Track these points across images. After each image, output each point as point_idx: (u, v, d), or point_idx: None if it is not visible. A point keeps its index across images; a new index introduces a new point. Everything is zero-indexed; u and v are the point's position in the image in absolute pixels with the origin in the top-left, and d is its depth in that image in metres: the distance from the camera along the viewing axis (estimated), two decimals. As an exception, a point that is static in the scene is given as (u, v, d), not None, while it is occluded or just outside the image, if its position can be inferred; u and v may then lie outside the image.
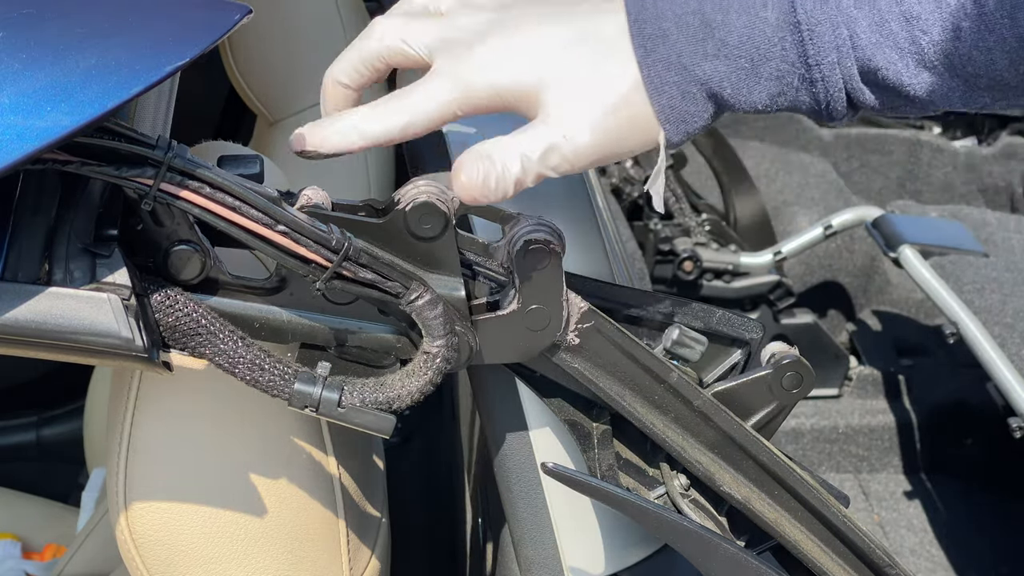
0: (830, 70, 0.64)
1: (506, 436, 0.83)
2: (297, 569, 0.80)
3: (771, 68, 0.65)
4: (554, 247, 0.67)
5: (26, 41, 0.57)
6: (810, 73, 0.65)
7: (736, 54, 0.65)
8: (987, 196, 2.92)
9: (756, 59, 0.65)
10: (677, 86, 0.65)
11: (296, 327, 0.69)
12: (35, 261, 0.61)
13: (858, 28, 0.64)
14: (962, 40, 0.63)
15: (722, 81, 0.65)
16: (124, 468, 0.76)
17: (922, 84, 0.64)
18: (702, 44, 0.65)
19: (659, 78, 0.65)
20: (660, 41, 0.65)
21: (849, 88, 0.65)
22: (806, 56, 0.64)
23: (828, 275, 2.62)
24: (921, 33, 0.63)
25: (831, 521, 0.76)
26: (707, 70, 0.65)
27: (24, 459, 2.08)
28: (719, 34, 0.65)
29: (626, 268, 0.95)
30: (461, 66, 0.66)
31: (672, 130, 0.66)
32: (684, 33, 0.65)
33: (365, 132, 0.67)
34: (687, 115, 0.66)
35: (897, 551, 2.18)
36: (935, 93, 0.65)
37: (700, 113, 0.66)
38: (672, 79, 0.65)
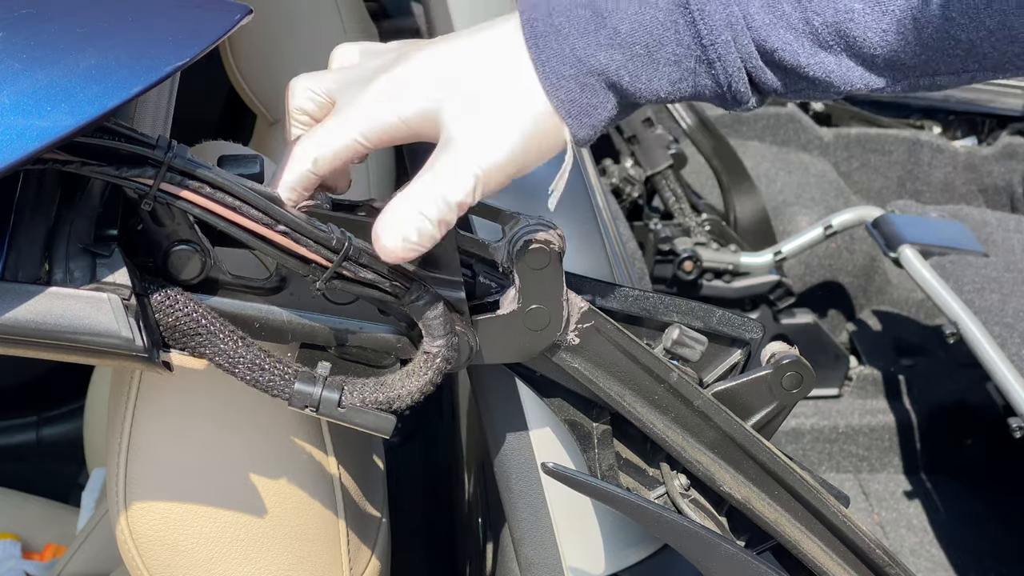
0: (725, 49, 0.64)
1: (506, 436, 0.83)
2: (297, 569, 0.80)
3: (667, 53, 0.65)
4: (554, 247, 0.67)
5: (26, 41, 0.57)
6: (706, 54, 0.64)
7: (630, 41, 0.64)
8: (987, 196, 2.92)
9: (651, 45, 0.65)
10: (574, 79, 0.65)
11: (296, 327, 0.69)
12: (35, 261, 0.61)
13: (751, 8, 0.64)
14: (855, 21, 0.63)
15: (619, 70, 0.65)
16: (124, 468, 0.76)
17: (820, 65, 0.64)
18: (595, 35, 0.65)
19: (554, 73, 0.65)
20: (552, 37, 0.65)
21: (750, 68, 0.65)
22: (699, 36, 0.64)
23: (828, 275, 2.62)
24: (813, 14, 0.63)
25: (831, 521, 0.76)
26: (602, 60, 0.65)
27: (24, 459, 2.08)
28: (611, 23, 0.64)
29: (626, 268, 0.95)
30: (364, 97, 0.66)
31: (576, 124, 0.66)
32: (576, 26, 0.65)
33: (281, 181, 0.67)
34: (588, 107, 0.66)
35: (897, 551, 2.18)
36: (834, 74, 0.65)
37: (602, 104, 0.66)
38: (568, 72, 0.65)
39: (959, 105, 2.97)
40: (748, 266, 2.43)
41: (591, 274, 0.77)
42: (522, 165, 0.66)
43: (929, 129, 3.01)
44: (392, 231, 0.64)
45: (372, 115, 0.66)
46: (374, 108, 0.66)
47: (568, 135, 0.66)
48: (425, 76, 0.66)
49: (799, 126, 2.91)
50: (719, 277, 2.42)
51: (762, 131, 2.90)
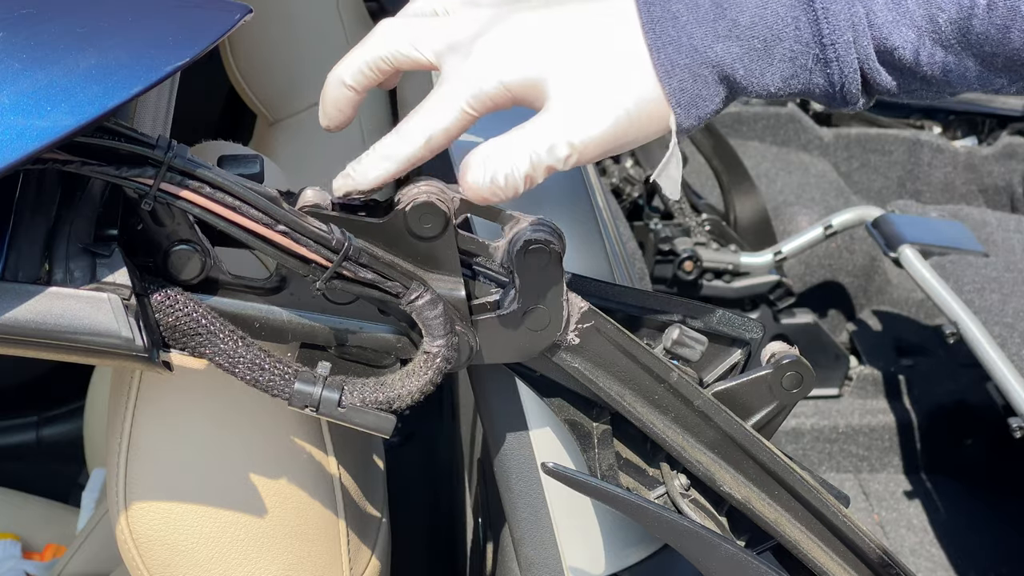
0: (845, 50, 0.63)
1: (506, 436, 0.83)
2: (297, 569, 0.80)
3: (784, 49, 0.64)
4: (554, 247, 0.67)
5: (26, 41, 0.57)
6: (824, 53, 0.63)
7: (749, 35, 0.63)
8: (987, 196, 2.92)
9: (769, 39, 0.63)
10: (688, 69, 0.64)
11: (296, 327, 0.69)
12: (35, 261, 0.61)
13: (874, 6, 0.62)
14: (977, 16, 0.62)
15: (734, 63, 0.64)
16: (124, 468, 0.76)
17: (938, 64, 0.63)
18: (713, 25, 0.64)
19: (669, 61, 0.64)
20: (670, 23, 0.64)
21: (865, 68, 0.64)
22: (821, 35, 0.63)
23: (828, 275, 2.62)
24: (938, 10, 0.62)
25: (831, 521, 0.76)
26: (719, 52, 0.64)
27: (24, 459, 2.08)
28: (731, 14, 0.63)
29: (626, 268, 0.95)
30: (467, 66, 0.66)
31: (683, 114, 0.65)
32: (694, 14, 0.64)
33: (397, 157, 0.67)
34: (699, 98, 0.65)
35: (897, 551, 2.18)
36: (952, 73, 0.64)
37: (712, 96, 0.65)
38: (683, 62, 0.64)
39: (959, 105, 2.97)
40: (748, 266, 2.43)
41: (591, 274, 0.77)
42: (620, 144, 0.66)
43: (929, 129, 3.01)
44: (483, 169, 0.64)
45: (481, 88, 0.65)
46: (483, 80, 0.65)
47: (673, 123, 0.65)
48: (530, 43, 0.65)
49: (799, 126, 2.91)
50: (719, 277, 2.42)
51: (762, 131, 2.90)
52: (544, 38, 0.65)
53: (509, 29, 0.66)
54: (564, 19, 0.66)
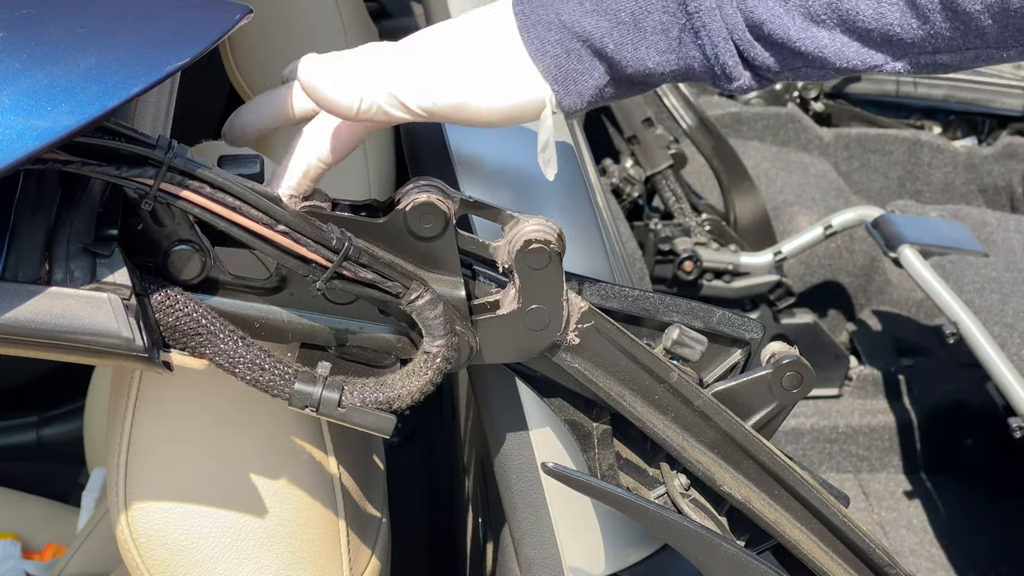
0: (709, 16, 0.63)
1: (506, 436, 0.83)
2: (297, 569, 0.80)
3: (653, 21, 0.64)
4: (554, 247, 0.67)
5: (26, 41, 0.57)
6: (691, 21, 0.64)
7: (616, 8, 0.64)
8: (987, 196, 2.92)
9: (636, 12, 0.64)
10: (560, 44, 0.65)
11: (296, 327, 0.69)
12: (35, 261, 0.61)
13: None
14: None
15: (603, 37, 0.65)
16: (124, 468, 0.76)
17: (812, 39, 0.63)
18: (580, 2, 0.65)
19: (539, 39, 0.65)
20: (539, 3, 0.65)
21: (737, 41, 0.64)
22: (685, 3, 0.63)
23: (828, 275, 2.62)
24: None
25: (831, 521, 0.76)
26: (587, 26, 0.65)
27: (24, 459, 2.08)
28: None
29: (626, 268, 0.95)
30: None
31: (561, 90, 0.66)
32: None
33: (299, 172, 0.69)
34: (575, 73, 0.65)
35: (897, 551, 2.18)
36: (828, 49, 0.63)
37: (588, 71, 0.66)
38: (553, 38, 0.65)
39: (959, 105, 2.97)
40: (748, 266, 2.43)
41: (591, 274, 0.77)
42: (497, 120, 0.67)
43: (929, 129, 3.01)
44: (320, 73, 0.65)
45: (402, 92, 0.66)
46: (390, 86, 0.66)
47: (551, 99, 0.66)
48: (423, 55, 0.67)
49: (799, 126, 2.91)
50: (719, 277, 2.42)
51: (762, 131, 2.90)
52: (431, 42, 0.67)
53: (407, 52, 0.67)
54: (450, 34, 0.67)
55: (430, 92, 0.65)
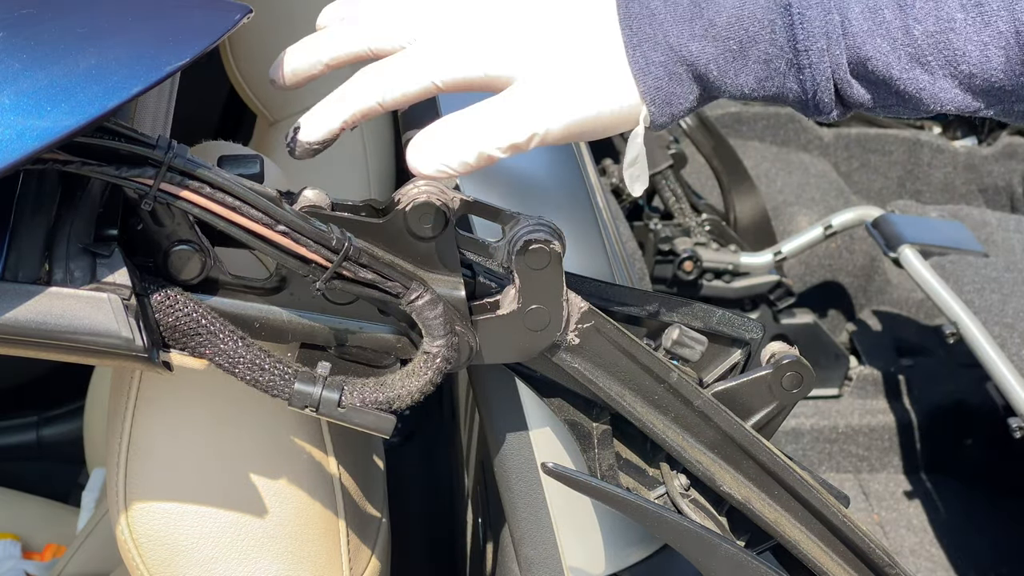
0: (818, 57, 0.63)
1: (506, 436, 0.83)
2: (297, 569, 0.80)
3: (759, 51, 0.64)
4: (554, 247, 0.67)
5: (26, 41, 0.57)
6: (798, 59, 0.63)
7: (725, 35, 0.64)
8: (987, 196, 2.92)
9: (744, 41, 0.64)
10: (663, 67, 0.64)
11: (296, 327, 0.69)
12: (35, 261, 0.61)
13: (850, 14, 0.62)
14: (956, 32, 0.61)
15: (709, 63, 0.64)
16: (124, 468, 0.76)
17: (913, 80, 0.63)
18: (690, 24, 0.64)
19: (644, 58, 0.64)
20: (647, 20, 0.64)
21: (837, 79, 0.64)
22: (795, 40, 0.63)
23: (828, 275, 2.62)
24: (915, 22, 0.62)
25: (831, 521, 0.76)
26: (694, 51, 0.64)
27: (24, 459, 2.08)
28: (708, 14, 0.64)
29: (626, 268, 0.95)
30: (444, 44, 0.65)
31: (657, 112, 0.65)
32: (672, 12, 0.64)
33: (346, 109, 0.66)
34: (672, 96, 0.65)
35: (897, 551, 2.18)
36: (926, 91, 0.63)
37: (686, 95, 0.65)
38: (658, 59, 0.64)
39: (959, 105, 2.97)
40: (748, 266, 2.43)
41: (591, 274, 0.77)
42: (587, 132, 0.66)
43: (929, 129, 3.01)
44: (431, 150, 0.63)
45: (456, 64, 0.65)
46: (459, 57, 0.65)
47: (643, 119, 0.65)
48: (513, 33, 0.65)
49: (799, 126, 2.91)
50: (719, 277, 2.42)
51: (762, 131, 2.90)
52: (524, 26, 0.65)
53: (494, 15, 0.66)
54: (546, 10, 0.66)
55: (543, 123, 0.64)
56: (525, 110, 0.64)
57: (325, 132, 0.66)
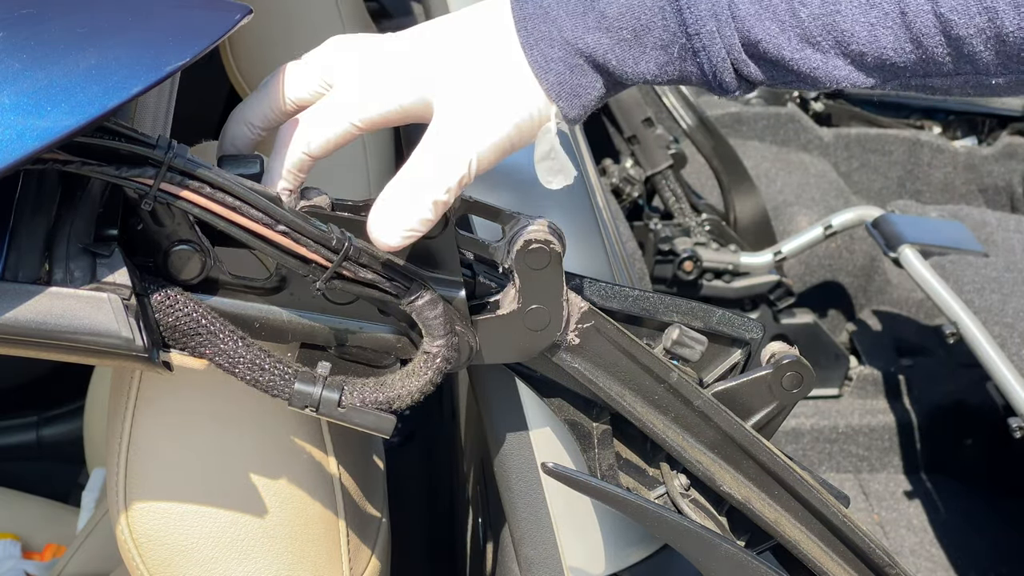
0: (710, 39, 0.64)
1: (506, 436, 0.83)
2: (297, 569, 0.80)
3: (654, 38, 0.65)
4: (554, 247, 0.67)
5: (26, 41, 0.57)
6: (691, 42, 0.65)
7: (617, 25, 0.65)
8: (987, 196, 2.92)
9: (638, 30, 0.65)
10: (563, 61, 0.66)
11: (296, 327, 0.69)
12: (35, 261, 0.61)
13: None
14: (843, 14, 0.63)
15: (606, 53, 0.66)
16: (124, 468, 0.76)
17: (805, 60, 0.64)
18: (583, 18, 0.65)
19: (543, 56, 0.65)
20: (541, 19, 0.66)
21: (734, 60, 0.65)
22: (685, 25, 0.64)
23: (828, 275, 2.62)
24: (800, 5, 0.63)
25: (831, 521, 0.76)
26: (590, 43, 0.65)
27: (24, 459, 2.08)
28: (599, 6, 0.65)
29: (626, 268, 0.95)
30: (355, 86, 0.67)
31: (566, 106, 0.66)
32: (564, 8, 0.66)
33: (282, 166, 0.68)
34: (578, 88, 0.66)
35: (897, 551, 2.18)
36: (820, 70, 0.65)
37: (591, 85, 0.67)
38: (556, 55, 0.65)
39: (959, 105, 2.97)
40: (748, 266, 2.43)
41: (591, 274, 0.77)
42: (515, 144, 0.67)
43: (929, 129, 3.01)
44: (390, 224, 0.64)
45: (368, 103, 0.66)
46: (369, 95, 0.66)
47: (555, 114, 0.67)
48: (418, 60, 0.66)
49: (799, 126, 2.91)
50: (719, 277, 2.42)
51: (762, 131, 2.90)
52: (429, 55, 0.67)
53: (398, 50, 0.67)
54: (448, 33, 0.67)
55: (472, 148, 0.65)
56: (451, 146, 0.65)
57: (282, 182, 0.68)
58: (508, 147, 0.67)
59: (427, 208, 0.64)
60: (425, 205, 0.64)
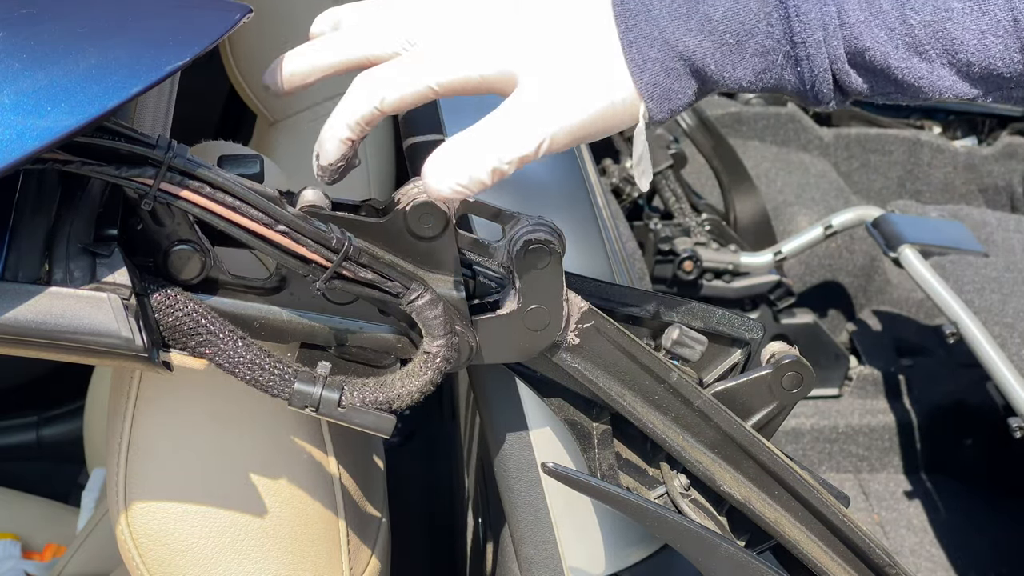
0: (815, 48, 0.63)
1: (506, 436, 0.83)
2: (297, 569, 0.80)
3: (756, 44, 0.64)
4: (554, 247, 0.67)
5: (26, 41, 0.57)
6: (795, 51, 0.64)
7: (721, 29, 0.64)
8: (987, 196, 2.92)
9: (741, 34, 0.64)
10: (660, 62, 0.64)
11: (296, 327, 0.69)
12: (35, 261, 0.61)
13: (847, 5, 0.63)
14: (954, 21, 0.61)
15: (706, 57, 0.64)
16: (124, 468, 0.76)
17: (911, 68, 0.63)
18: (686, 19, 0.64)
19: (641, 55, 0.64)
20: (643, 16, 0.64)
21: (835, 69, 0.64)
22: (791, 32, 0.63)
23: (828, 275, 2.62)
24: (912, 12, 0.62)
25: (831, 521, 0.76)
26: (690, 45, 0.64)
27: (24, 459, 2.08)
28: (704, 8, 0.64)
29: (626, 268, 0.95)
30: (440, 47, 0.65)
31: (655, 107, 0.65)
32: (668, 8, 0.64)
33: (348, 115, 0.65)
34: (671, 92, 0.65)
35: (897, 551, 2.18)
36: (924, 80, 0.63)
37: (684, 89, 0.65)
38: (654, 55, 0.64)
39: (959, 105, 2.97)
40: (748, 266, 2.43)
41: (591, 274, 0.77)
42: (591, 133, 0.65)
43: (929, 129, 3.01)
44: (445, 171, 0.63)
45: (452, 67, 0.65)
46: (455, 60, 0.65)
47: (643, 115, 0.65)
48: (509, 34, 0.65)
49: (799, 126, 2.91)
50: (719, 277, 2.42)
51: (762, 131, 2.90)
52: (520, 27, 0.65)
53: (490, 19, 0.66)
54: (541, 6, 0.66)
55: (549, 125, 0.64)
56: (529, 118, 0.64)
57: (338, 147, 0.66)
58: (582, 134, 0.65)
59: (485, 171, 0.63)
60: (485, 167, 0.63)
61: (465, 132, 0.64)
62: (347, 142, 0.66)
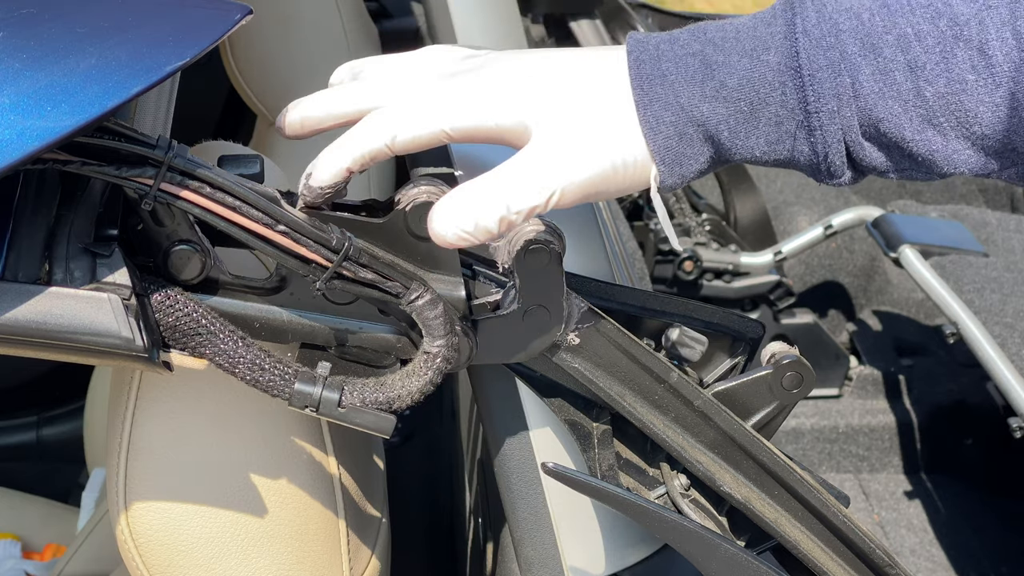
0: (828, 118, 0.63)
1: (506, 436, 0.83)
2: (297, 569, 0.80)
3: (770, 113, 0.63)
4: (554, 247, 0.67)
5: (26, 41, 0.57)
6: (808, 120, 0.63)
7: (736, 96, 0.63)
8: (987, 196, 2.92)
9: (755, 102, 0.63)
10: (674, 126, 0.64)
11: (296, 327, 0.69)
12: (35, 261, 0.61)
13: (860, 76, 0.62)
14: (968, 93, 0.61)
15: (719, 124, 0.64)
16: (124, 468, 0.76)
17: (925, 141, 0.62)
18: (701, 85, 0.64)
19: (655, 118, 0.64)
20: (658, 81, 0.64)
21: (848, 141, 0.63)
22: (806, 102, 0.63)
23: (828, 275, 2.62)
24: (926, 83, 0.61)
25: (831, 521, 0.76)
26: (705, 112, 0.64)
27: (24, 459, 2.08)
28: (719, 76, 0.63)
29: (626, 268, 0.95)
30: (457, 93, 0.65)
31: (667, 172, 0.65)
32: (683, 74, 0.64)
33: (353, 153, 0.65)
34: (683, 157, 0.65)
35: (897, 551, 2.18)
36: (939, 153, 0.63)
37: (696, 155, 0.65)
38: (668, 119, 0.64)
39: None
40: (748, 266, 2.43)
41: (591, 274, 0.77)
42: (601, 191, 0.65)
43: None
44: (452, 217, 0.63)
45: (468, 113, 0.64)
46: (471, 107, 0.64)
47: (654, 180, 0.65)
48: (528, 88, 0.65)
49: (799, 126, 2.90)
50: (719, 277, 2.42)
51: (762, 131, 2.90)
52: (539, 83, 0.65)
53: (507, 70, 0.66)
54: (560, 68, 0.66)
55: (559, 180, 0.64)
56: (541, 170, 0.64)
57: (335, 175, 0.65)
58: (593, 191, 0.65)
59: (493, 220, 0.63)
60: (492, 217, 0.63)
61: (476, 180, 0.64)
62: (346, 172, 0.65)
